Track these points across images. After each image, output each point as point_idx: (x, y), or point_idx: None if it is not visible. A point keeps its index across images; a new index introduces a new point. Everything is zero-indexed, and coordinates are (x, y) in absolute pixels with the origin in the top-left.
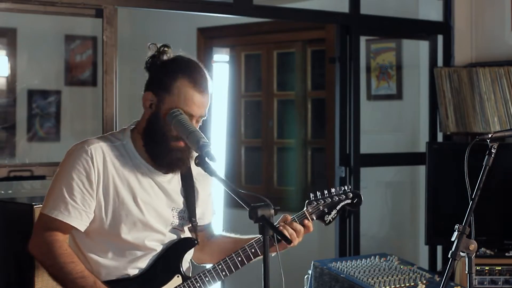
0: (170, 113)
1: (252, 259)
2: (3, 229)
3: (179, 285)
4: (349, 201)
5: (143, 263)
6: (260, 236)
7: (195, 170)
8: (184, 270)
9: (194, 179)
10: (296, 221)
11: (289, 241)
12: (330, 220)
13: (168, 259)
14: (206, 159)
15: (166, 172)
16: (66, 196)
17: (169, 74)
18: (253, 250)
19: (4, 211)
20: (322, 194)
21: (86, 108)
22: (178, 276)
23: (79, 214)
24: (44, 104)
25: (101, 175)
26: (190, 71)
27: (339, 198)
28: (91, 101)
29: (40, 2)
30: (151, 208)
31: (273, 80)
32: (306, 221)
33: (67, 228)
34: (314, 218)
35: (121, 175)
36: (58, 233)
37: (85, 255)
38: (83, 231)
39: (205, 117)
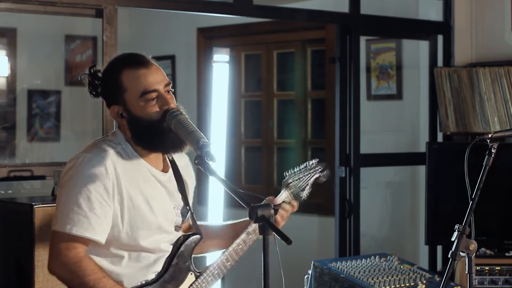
0: (170, 113)
1: (250, 245)
2: (3, 229)
3: (193, 282)
4: (318, 174)
5: (159, 266)
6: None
7: (179, 162)
8: (195, 267)
9: (181, 172)
10: (286, 203)
11: (289, 242)
12: (305, 196)
13: (180, 258)
14: (206, 159)
15: (172, 153)
16: (87, 210)
17: (112, 78)
18: (250, 236)
19: (4, 211)
20: (295, 172)
21: (86, 108)
22: (191, 274)
23: (102, 228)
24: (44, 104)
25: (115, 184)
26: (125, 60)
27: (309, 173)
28: (91, 101)
29: (40, 2)
30: (161, 209)
31: (273, 80)
32: (294, 202)
33: (88, 242)
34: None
35: (130, 181)
36: (81, 250)
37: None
38: (104, 243)
39: (171, 83)
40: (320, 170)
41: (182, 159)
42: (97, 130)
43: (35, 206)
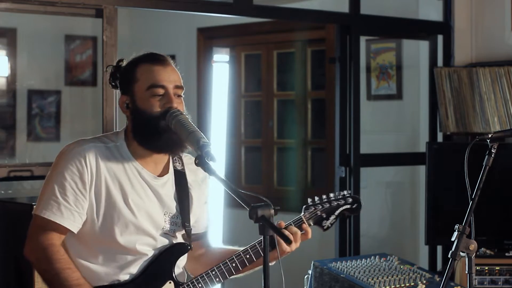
0: (170, 113)
1: (246, 265)
2: (3, 229)
3: None
4: (348, 206)
5: (134, 268)
6: (255, 242)
7: (190, 177)
8: (176, 276)
9: (189, 186)
10: (292, 225)
11: (289, 241)
12: (328, 226)
13: (160, 264)
14: (206, 159)
15: (166, 153)
16: (59, 196)
17: (130, 69)
18: (247, 256)
19: (4, 211)
20: (320, 199)
21: (86, 108)
22: (170, 282)
23: (72, 215)
24: (44, 104)
25: (94, 176)
26: (147, 56)
27: (337, 203)
28: (91, 101)
29: (40, 2)
30: (143, 210)
31: (273, 80)
32: (303, 225)
33: (61, 230)
34: (312, 224)
35: (112, 176)
36: (54, 236)
37: (75, 260)
38: (76, 232)
39: (183, 90)
40: (350, 202)
41: (199, 174)
42: (97, 130)
43: (35, 206)
